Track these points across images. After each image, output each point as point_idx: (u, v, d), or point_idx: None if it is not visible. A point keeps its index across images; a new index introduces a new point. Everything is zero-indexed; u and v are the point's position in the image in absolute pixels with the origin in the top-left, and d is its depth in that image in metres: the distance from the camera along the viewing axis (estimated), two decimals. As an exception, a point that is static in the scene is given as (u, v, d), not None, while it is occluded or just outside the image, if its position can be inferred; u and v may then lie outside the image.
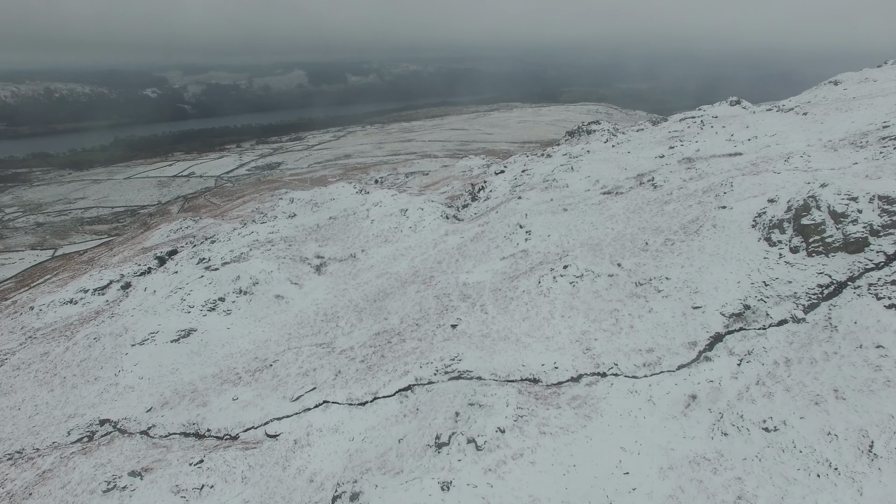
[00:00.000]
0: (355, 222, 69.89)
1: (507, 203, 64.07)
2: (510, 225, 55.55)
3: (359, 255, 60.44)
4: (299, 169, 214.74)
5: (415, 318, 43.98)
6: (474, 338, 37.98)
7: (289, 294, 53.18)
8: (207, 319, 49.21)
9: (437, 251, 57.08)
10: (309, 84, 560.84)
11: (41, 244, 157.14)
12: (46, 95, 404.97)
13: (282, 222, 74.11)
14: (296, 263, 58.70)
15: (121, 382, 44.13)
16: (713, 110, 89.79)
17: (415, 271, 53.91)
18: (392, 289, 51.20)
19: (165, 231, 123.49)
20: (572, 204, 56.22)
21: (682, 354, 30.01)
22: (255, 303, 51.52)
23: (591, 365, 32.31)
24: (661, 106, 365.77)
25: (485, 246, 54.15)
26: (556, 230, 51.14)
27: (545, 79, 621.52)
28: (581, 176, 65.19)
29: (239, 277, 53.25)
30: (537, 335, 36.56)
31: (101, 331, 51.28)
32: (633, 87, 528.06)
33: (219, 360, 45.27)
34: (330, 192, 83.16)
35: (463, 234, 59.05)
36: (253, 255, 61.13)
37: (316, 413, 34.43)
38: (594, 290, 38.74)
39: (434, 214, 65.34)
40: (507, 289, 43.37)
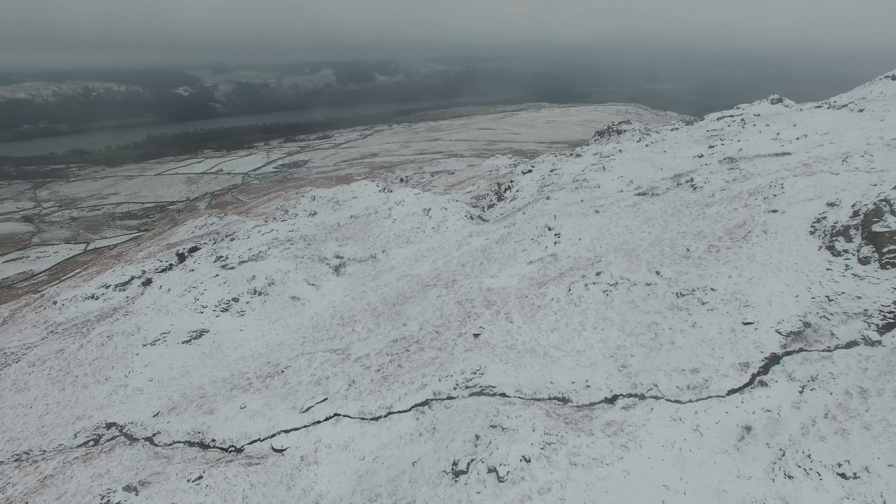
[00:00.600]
0: (377, 221, 67.50)
1: (534, 204, 60.81)
2: (538, 227, 52.34)
3: (379, 256, 57.97)
4: (325, 167, 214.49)
5: (435, 325, 41.20)
6: (498, 349, 35.00)
7: (305, 295, 51.00)
8: (220, 320, 47.35)
9: (460, 253, 54.20)
10: (337, 83, 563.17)
11: (75, 238, 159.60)
12: (85, 94, 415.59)
13: (302, 220, 72.24)
14: (314, 263, 56.54)
15: (130, 384, 42.51)
16: (753, 108, 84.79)
17: (437, 274, 51.15)
18: (412, 292, 48.53)
19: (191, 227, 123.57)
20: (604, 205, 52.67)
21: (733, 377, 26.48)
22: (270, 304, 49.47)
23: (628, 385, 29.00)
24: (692, 107, 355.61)
25: (511, 249, 51.07)
26: (588, 233, 47.75)
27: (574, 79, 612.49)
28: (613, 176, 61.49)
29: (254, 277, 51.30)
30: (567, 348, 33.38)
31: (114, 329, 49.94)
32: (662, 88, 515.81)
33: (230, 363, 43.28)
34: (352, 190, 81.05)
35: (488, 236, 56.04)
36: (271, 254, 59.24)
37: (326, 427, 31.93)
38: (630, 301, 35.34)
39: (458, 214, 62.47)
40: (534, 296, 40.24)
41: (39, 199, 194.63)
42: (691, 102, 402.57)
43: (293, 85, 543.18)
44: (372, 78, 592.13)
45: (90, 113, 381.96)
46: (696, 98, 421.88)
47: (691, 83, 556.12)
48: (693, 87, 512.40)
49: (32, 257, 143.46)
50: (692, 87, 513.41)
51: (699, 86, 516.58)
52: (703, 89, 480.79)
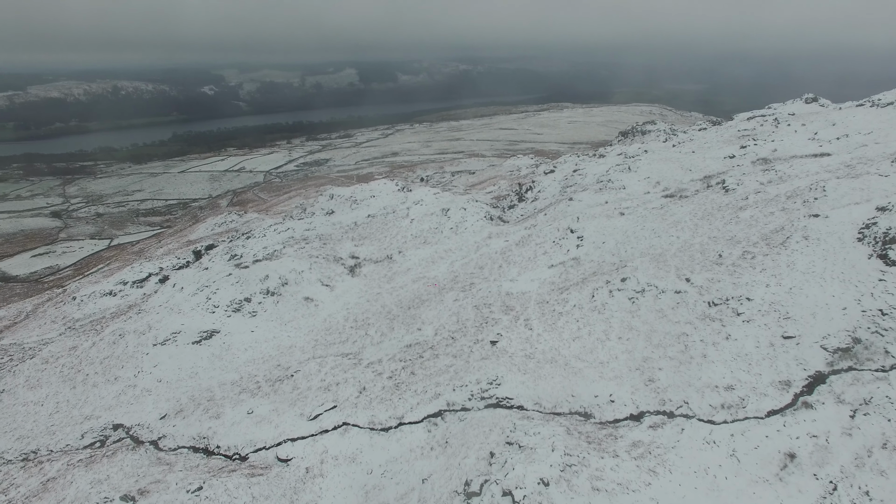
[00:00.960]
0: (394, 221, 66.02)
1: (556, 205, 58.64)
2: (560, 229, 50.23)
3: (395, 257, 56.43)
4: (346, 166, 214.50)
5: (451, 331, 39.45)
6: (516, 358, 33.09)
7: (319, 296, 49.72)
8: (231, 321, 46.32)
9: (478, 255, 52.36)
10: (360, 82, 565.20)
11: (100, 234, 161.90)
12: (114, 93, 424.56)
13: (319, 219, 71.17)
14: (329, 263, 55.28)
15: (139, 384, 41.68)
16: (786, 108, 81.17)
17: (454, 276, 49.39)
18: (428, 295, 46.85)
19: (211, 224, 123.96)
20: (630, 207, 50.29)
21: (773, 397, 24.17)
22: (283, 305, 48.30)
23: (656, 401, 26.85)
24: (717, 108, 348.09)
25: (531, 251, 49.05)
26: (612, 236, 45.48)
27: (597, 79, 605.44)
28: (639, 177, 58.97)
29: (267, 277, 50.21)
30: (590, 359, 31.31)
31: (126, 327, 49.32)
32: (686, 89, 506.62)
33: (240, 365, 42.16)
34: (371, 189, 79.76)
35: (508, 238, 54.07)
36: (286, 253, 58.16)
37: (333, 436, 30.43)
38: (658, 309, 33.09)
39: (477, 215, 60.62)
40: (555, 302, 38.21)
41: (68, 195, 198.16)
42: (717, 103, 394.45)
43: (316, 84, 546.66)
44: (394, 77, 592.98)
45: (119, 111, 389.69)
46: (721, 99, 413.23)
47: (717, 84, 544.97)
48: (719, 88, 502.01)
49: (59, 252, 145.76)
50: (718, 88, 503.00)
51: (725, 87, 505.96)
52: (729, 90, 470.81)
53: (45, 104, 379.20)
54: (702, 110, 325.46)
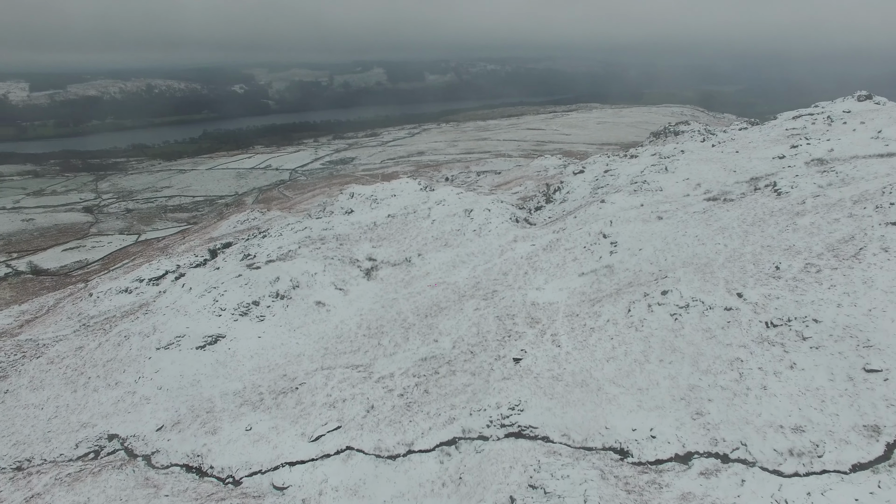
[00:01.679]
0: (414, 222, 62.67)
1: (587, 207, 54.41)
2: (591, 233, 46.08)
3: (414, 260, 53.03)
4: (372, 164, 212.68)
5: (470, 344, 35.80)
6: (542, 379, 29.26)
7: (331, 301, 46.61)
8: (238, 325, 43.55)
9: (502, 260, 48.55)
10: (387, 82, 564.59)
11: (128, 229, 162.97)
12: (147, 91, 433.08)
13: (338, 218, 68.30)
14: (344, 265, 52.20)
15: (138, 391, 39.19)
16: (837, 106, 75.01)
17: (475, 283, 45.71)
18: (447, 303, 43.29)
19: (233, 222, 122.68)
20: (668, 211, 45.82)
21: (857, 445, 19.87)
22: (293, 309, 45.33)
23: (706, 440, 22.75)
24: (751, 109, 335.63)
25: (560, 257, 45.02)
26: (650, 243, 41.14)
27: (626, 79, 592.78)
28: (677, 178, 54.31)
29: (278, 279, 47.34)
30: (626, 384, 27.30)
31: (132, 329, 47.10)
32: (719, 90, 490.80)
33: (244, 374, 39.29)
34: (392, 188, 76.60)
35: (534, 241, 50.12)
36: (300, 254, 55.32)
37: (335, 463, 27.14)
38: (705, 328, 28.83)
39: (502, 217, 56.78)
40: (586, 315, 34.22)
41: (100, 191, 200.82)
42: (751, 105, 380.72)
43: (344, 83, 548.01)
44: (422, 77, 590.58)
45: (152, 109, 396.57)
46: (756, 100, 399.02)
47: (752, 85, 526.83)
48: (754, 89, 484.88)
49: (88, 246, 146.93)
50: (753, 89, 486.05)
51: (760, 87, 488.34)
52: (765, 91, 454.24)
53: (82, 102, 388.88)
54: (735, 112, 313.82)
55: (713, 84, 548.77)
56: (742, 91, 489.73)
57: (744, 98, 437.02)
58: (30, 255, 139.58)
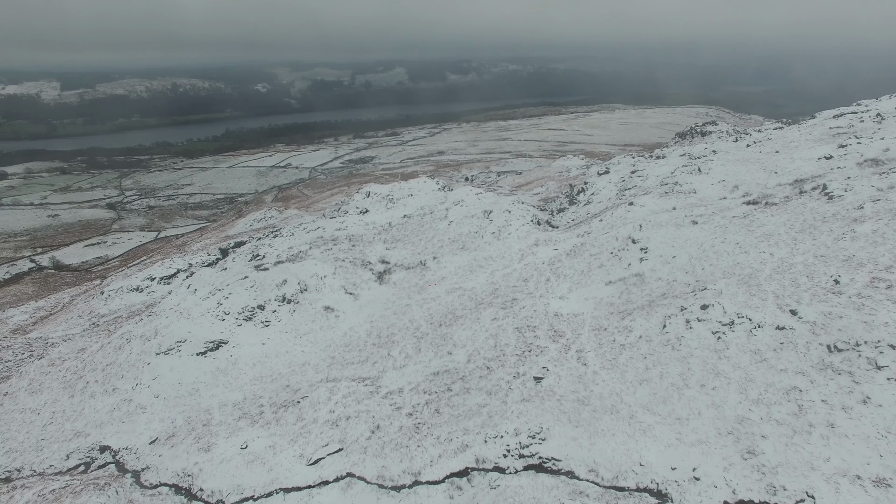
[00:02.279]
0: (431, 223, 59.74)
1: (613, 210, 50.81)
2: (619, 238, 42.55)
3: (429, 263, 50.09)
4: (391, 164, 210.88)
5: (486, 358, 32.70)
6: (566, 402, 26.02)
7: (341, 306, 43.91)
8: (242, 331, 41.11)
9: (523, 265, 45.30)
10: (409, 81, 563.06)
11: (149, 226, 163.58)
12: (172, 90, 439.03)
13: (352, 218, 65.73)
14: (356, 268, 49.49)
15: (135, 399, 36.96)
16: (886, 103, 69.92)
17: (494, 289, 42.55)
18: (463, 311, 40.23)
19: (250, 220, 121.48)
20: (704, 215, 42.03)
21: (956, 504, 16.31)
22: (300, 314, 42.74)
23: (761, 486, 19.29)
24: (779, 110, 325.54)
25: (585, 263, 41.59)
26: (684, 250, 37.49)
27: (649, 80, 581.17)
28: (712, 179, 50.37)
29: (285, 282, 44.80)
30: (662, 412, 23.92)
31: (134, 331, 45.04)
32: (745, 91, 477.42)
33: (245, 383, 36.78)
34: (409, 188, 73.80)
35: (557, 246, 46.75)
36: (311, 255, 52.81)
37: (334, 492, 24.28)
38: (754, 350, 25.27)
39: (523, 219, 53.47)
40: (615, 329, 30.85)
41: (124, 188, 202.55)
42: (779, 105, 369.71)
43: (366, 83, 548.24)
44: (444, 77, 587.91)
45: (177, 107, 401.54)
46: (784, 101, 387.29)
47: (779, 85, 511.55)
48: (782, 90, 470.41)
49: (109, 243, 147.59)
50: (780, 90, 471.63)
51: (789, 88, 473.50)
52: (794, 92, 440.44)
53: (110, 101, 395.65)
54: (762, 113, 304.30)
55: (739, 85, 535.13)
56: (769, 92, 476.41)
57: (771, 99, 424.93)
58: (53, 251, 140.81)
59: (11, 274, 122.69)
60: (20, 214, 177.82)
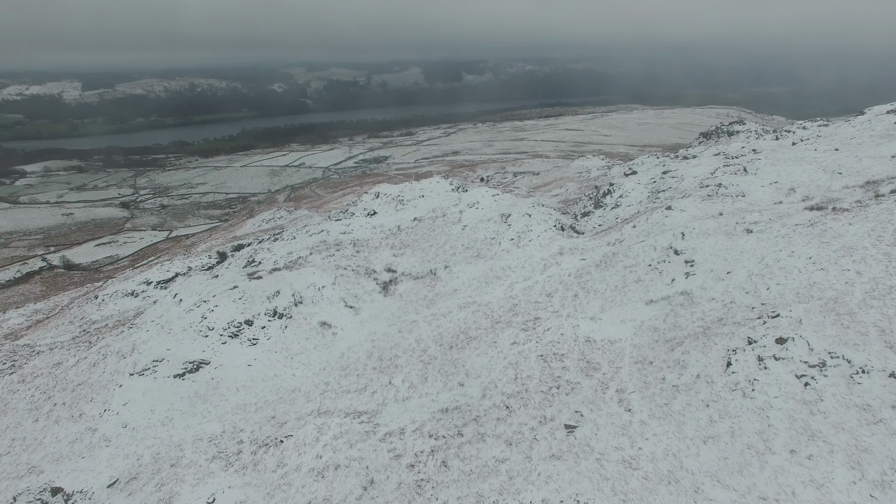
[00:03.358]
0: (443, 227, 54.11)
1: (648, 215, 44.63)
2: (658, 248, 36.46)
3: (440, 273, 44.44)
4: (405, 164, 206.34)
5: (505, 393, 26.97)
6: (608, 464, 20.20)
7: (339, 321, 38.45)
8: (226, 349, 35.87)
9: (546, 277, 39.40)
10: (424, 82, 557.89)
11: (161, 225, 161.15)
12: (190, 90, 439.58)
13: (359, 221, 60.39)
14: (358, 277, 44.03)
15: (100, 429, 31.89)
16: (946, 99, 62.69)
17: (513, 305, 36.76)
18: (478, 331, 34.54)
19: (258, 221, 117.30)
20: (760, 223, 35.72)
21: None
22: (293, 331, 37.38)
23: None
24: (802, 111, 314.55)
25: (618, 277, 35.59)
26: (741, 264, 31.28)
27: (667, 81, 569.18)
28: (762, 181, 43.94)
29: (278, 293, 39.47)
30: (740, 487, 17.94)
31: (112, 346, 40.07)
32: (766, 91, 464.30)
33: (226, 412, 31.53)
34: (420, 188, 68.26)
35: (585, 255, 40.78)
36: (310, 262, 47.53)
37: (311, 578, 18.96)
38: (862, 405, 19.16)
39: (545, 224, 47.54)
40: (663, 364, 24.89)
41: (138, 187, 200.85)
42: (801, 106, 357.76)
43: (382, 83, 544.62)
44: (459, 77, 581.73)
45: (194, 107, 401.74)
46: (807, 102, 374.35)
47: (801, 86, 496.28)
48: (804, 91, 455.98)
49: (121, 242, 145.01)
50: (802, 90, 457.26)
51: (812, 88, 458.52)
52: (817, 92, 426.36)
53: (129, 100, 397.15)
54: (785, 114, 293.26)
55: (758, 85, 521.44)
56: (791, 92, 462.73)
57: (793, 100, 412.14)
58: (65, 250, 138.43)
59: (22, 273, 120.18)
60: (35, 213, 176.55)
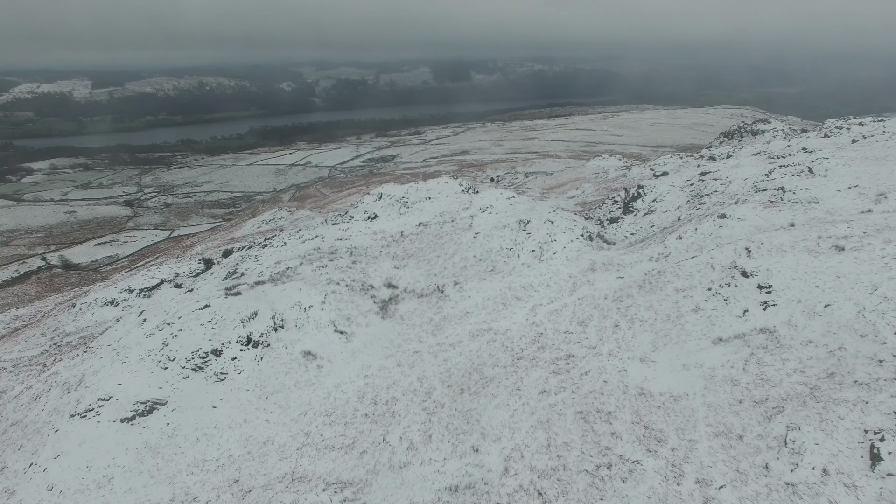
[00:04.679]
0: (452, 234, 47.00)
1: (696, 223, 37.16)
2: (717, 266, 29.10)
3: (449, 290, 37.31)
4: (413, 163, 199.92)
5: (536, 468, 19.87)
6: None
7: (327, 351, 31.47)
8: (188, 386, 28.98)
9: (576, 299, 32.18)
10: (433, 81, 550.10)
11: (164, 224, 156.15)
12: (199, 88, 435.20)
13: (357, 225, 53.40)
14: (353, 295, 37.00)
15: (19, 491, 25.05)
16: None
17: (538, 335, 29.60)
18: (496, 368, 27.44)
19: (258, 221, 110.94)
20: (851, 238, 28.18)
21: None
22: (270, 363, 30.47)
23: None
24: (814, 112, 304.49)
25: (669, 303, 28.27)
26: (842, 294, 23.76)
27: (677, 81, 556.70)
28: (838, 185, 36.38)
29: (256, 315, 32.54)
30: None
31: (62, 374, 33.30)
32: (778, 91, 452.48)
33: (179, 471, 24.63)
34: (427, 189, 61.11)
35: (622, 272, 33.49)
36: (300, 273, 40.58)
37: None
38: None
39: (571, 232, 40.20)
40: (759, 440, 17.61)
41: (143, 185, 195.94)
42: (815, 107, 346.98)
43: (390, 82, 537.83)
44: (468, 76, 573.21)
45: (203, 105, 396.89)
46: (820, 102, 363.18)
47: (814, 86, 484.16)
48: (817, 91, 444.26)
49: (121, 241, 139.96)
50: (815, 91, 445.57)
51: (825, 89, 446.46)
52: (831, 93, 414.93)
53: (138, 99, 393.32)
54: (800, 114, 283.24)
55: (770, 86, 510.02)
56: (804, 93, 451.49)
57: (806, 100, 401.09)
58: (66, 249, 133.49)
59: (20, 272, 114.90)
60: (38, 211, 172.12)
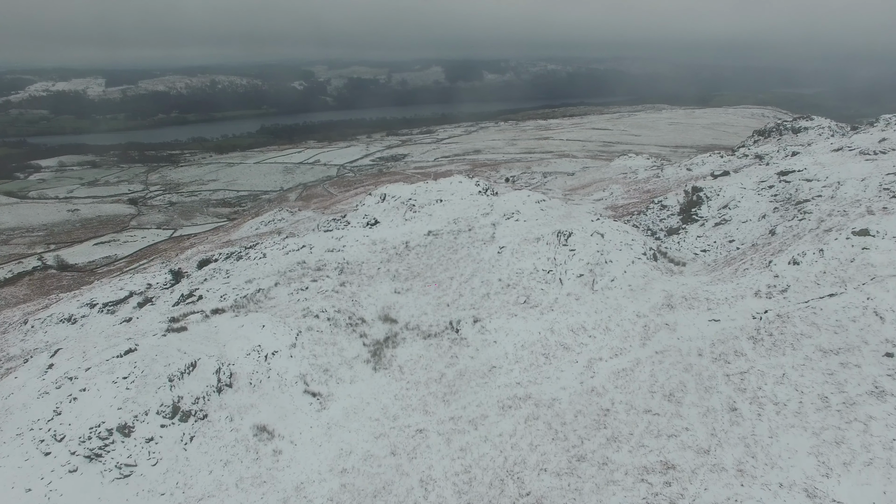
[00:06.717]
0: (469, 247, 36.42)
1: (814, 241, 25.96)
2: (890, 316, 18.37)
3: (465, 329, 26.76)
4: (424, 162, 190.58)
5: None
6: None
7: (290, 427, 21.08)
8: (71, 487, 18.71)
9: (652, 353, 21.54)
10: (445, 80, 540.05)
11: (167, 223, 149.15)
12: (211, 87, 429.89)
13: (354, 233, 43.05)
14: (336, 333, 26.65)
15: None
16: None
17: (602, 414, 19.05)
18: (543, 475, 16.91)
19: (257, 223, 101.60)
20: None
21: None
22: (203, 447, 20.20)
23: None
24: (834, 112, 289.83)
25: (819, 376, 17.40)
26: None
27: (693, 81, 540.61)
28: None
29: (194, 367, 22.27)
30: None
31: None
32: (796, 92, 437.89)
33: None
34: (438, 189, 50.70)
35: (715, 312, 22.69)
36: (272, 298, 30.35)
37: None
38: None
39: (630, 250, 29.35)
40: None
41: (149, 183, 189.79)
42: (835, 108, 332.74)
43: (402, 81, 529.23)
44: (480, 76, 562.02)
45: (215, 104, 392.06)
46: (840, 103, 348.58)
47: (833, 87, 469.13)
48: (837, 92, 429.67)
49: (121, 241, 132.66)
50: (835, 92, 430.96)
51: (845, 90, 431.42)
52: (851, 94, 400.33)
53: (151, 97, 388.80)
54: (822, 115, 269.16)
55: (788, 86, 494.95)
56: (823, 93, 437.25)
57: (826, 101, 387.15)
58: (65, 248, 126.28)
59: (14, 273, 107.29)
60: (41, 209, 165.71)
